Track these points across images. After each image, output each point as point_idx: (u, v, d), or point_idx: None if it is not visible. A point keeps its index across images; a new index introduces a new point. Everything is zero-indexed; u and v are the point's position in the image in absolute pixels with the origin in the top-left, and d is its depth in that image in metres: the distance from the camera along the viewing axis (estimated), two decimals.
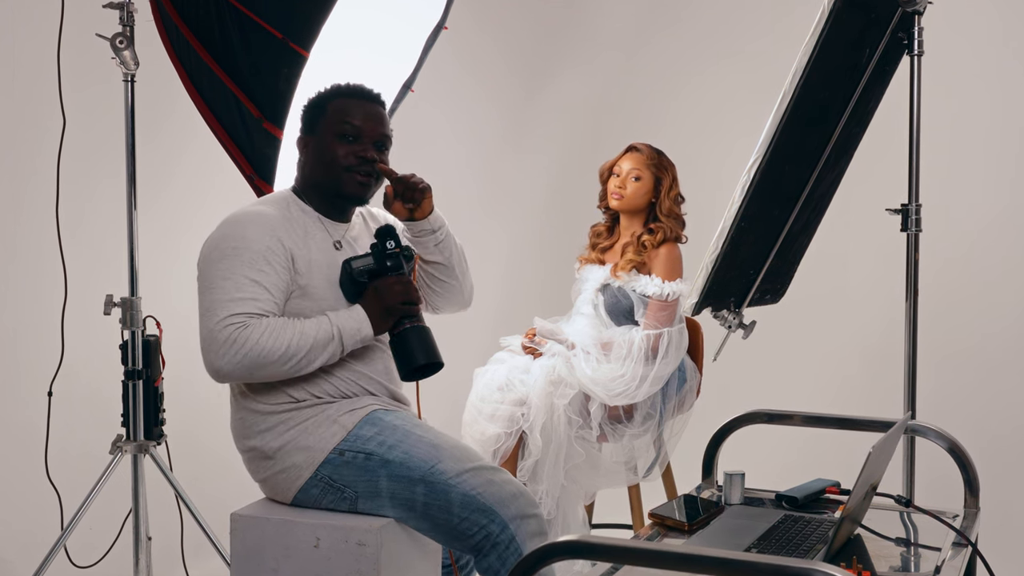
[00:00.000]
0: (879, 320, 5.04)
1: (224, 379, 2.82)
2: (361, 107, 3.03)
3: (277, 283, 2.84)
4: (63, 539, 3.60)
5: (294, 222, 2.96)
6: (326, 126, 3.00)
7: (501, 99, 5.99)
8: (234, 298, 2.78)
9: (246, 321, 2.75)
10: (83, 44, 3.69)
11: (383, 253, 2.95)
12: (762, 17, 5.51)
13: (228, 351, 2.73)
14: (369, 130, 3.01)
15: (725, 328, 3.54)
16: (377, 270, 2.94)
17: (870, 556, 2.58)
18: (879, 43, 3.50)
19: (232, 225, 2.89)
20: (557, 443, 3.81)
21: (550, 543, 1.98)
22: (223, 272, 2.81)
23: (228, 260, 2.82)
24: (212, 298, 2.80)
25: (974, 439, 3.38)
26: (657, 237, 4.03)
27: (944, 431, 3.01)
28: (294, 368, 2.81)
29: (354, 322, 2.87)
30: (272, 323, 2.77)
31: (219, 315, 2.76)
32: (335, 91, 3.05)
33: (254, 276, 2.81)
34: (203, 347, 2.79)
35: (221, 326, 2.75)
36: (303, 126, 3.07)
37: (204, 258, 2.88)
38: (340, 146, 2.98)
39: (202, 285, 2.85)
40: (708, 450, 3.24)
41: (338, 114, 3.00)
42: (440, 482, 2.83)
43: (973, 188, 5.07)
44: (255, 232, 2.85)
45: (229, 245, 2.83)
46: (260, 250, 2.83)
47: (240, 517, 2.92)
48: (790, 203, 3.49)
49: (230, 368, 2.75)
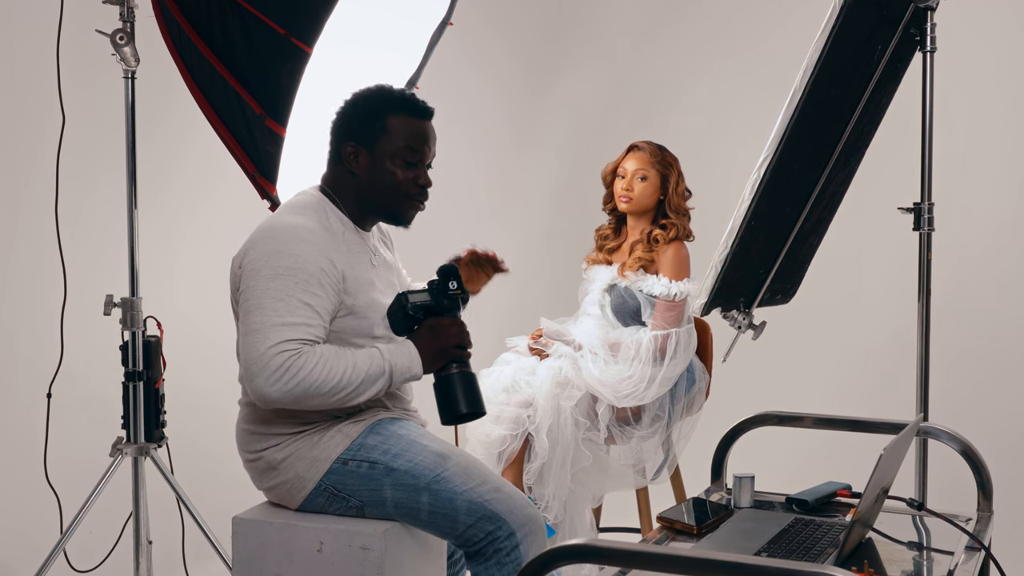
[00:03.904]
0: (891, 320, 5.03)
1: (270, 405, 2.74)
2: (423, 128, 2.92)
3: (328, 307, 2.77)
4: (62, 543, 3.57)
5: (336, 237, 2.86)
6: (389, 145, 2.88)
7: (507, 97, 5.98)
8: (287, 322, 2.69)
9: (300, 349, 2.68)
10: (83, 40, 3.68)
11: (444, 293, 2.86)
12: (772, 13, 5.50)
13: (280, 379, 2.65)
14: (430, 155, 2.94)
15: (735, 329, 3.53)
16: (434, 308, 2.85)
17: (882, 560, 2.57)
18: (891, 40, 3.49)
19: (280, 240, 2.78)
20: (564, 445, 3.79)
21: (557, 547, 1.97)
22: (275, 293, 2.71)
23: (281, 280, 2.72)
24: (262, 320, 2.70)
25: (987, 441, 3.38)
26: (670, 234, 3.99)
27: (957, 433, 3.01)
28: (342, 400, 2.74)
29: (406, 360, 2.79)
30: (326, 353, 2.70)
31: (271, 339, 2.67)
32: (393, 101, 2.92)
33: (307, 299, 2.72)
34: (250, 370, 2.69)
35: (274, 352, 2.66)
36: (350, 130, 2.92)
37: (252, 273, 2.76)
38: (403, 172, 2.89)
39: (250, 303, 2.74)
40: (717, 452, 3.23)
41: (404, 137, 2.88)
42: (445, 490, 2.80)
43: (986, 187, 5.07)
44: (308, 251, 2.76)
45: (282, 264, 2.73)
46: (314, 272, 2.74)
47: (242, 521, 2.89)
48: (801, 202, 3.48)
49: (279, 396, 2.67)
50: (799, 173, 3.41)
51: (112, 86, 3.69)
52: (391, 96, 2.93)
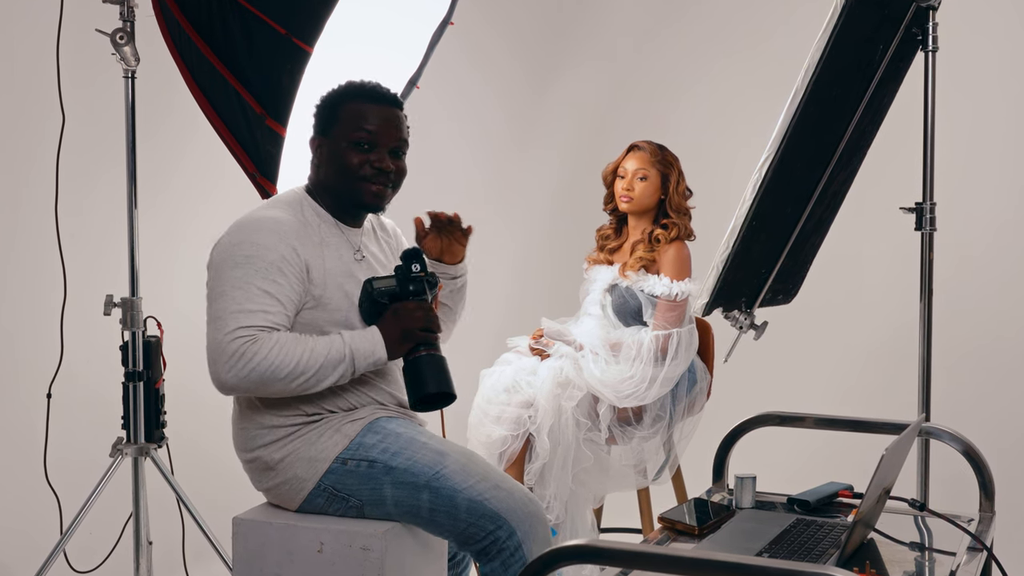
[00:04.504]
0: (893, 320, 5.03)
1: (229, 392, 2.75)
2: (377, 112, 2.91)
3: (290, 295, 2.76)
4: (62, 543, 3.57)
5: (310, 228, 2.88)
6: (340, 131, 2.90)
7: (508, 96, 5.97)
8: (244, 309, 2.70)
9: (256, 335, 2.68)
10: (83, 40, 3.67)
11: (407, 276, 2.85)
12: (773, 12, 5.49)
13: (235, 365, 2.66)
14: (385, 137, 2.91)
15: (736, 329, 3.53)
16: (399, 293, 2.84)
17: (883, 561, 2.57)
18: (893, 39, 3.48)
19: (245, 231, 2.80)
20: (565, 446, 3.79)
21: (558, 547, 1.96)
22: (234, 281, 2.72)
23: (240, 269, 2.73)
24: (221, 307, 2.71)
25: (990, 442, 3.36)
26: (671, 233, 3.98)
27: (959, 433, 3.00)
28: (302, 386, 2.73)
29: (368, 344, 2.78)
30: (283, 338, 2.70)
31: (228, 326, 2.68)
32: (349, 91, 2.94)
33: (266, 287, 2.73)
34: (209, 358, 2.71)
35: (230, 338, 2.67)
36: (316, 126, 2.97)
37: (215, 264, 2.79)
38: (355, 154, 2.88)
39: (212, 293, 2.76)
40: (719, 453, 3.22)
41: (353, 119, 2.89)
42: (446, 488, 2.79)
43: (988, 186, 5.06)
44: (269, 240, 2.77)
45: (242, 253, 2.75)
46: (274, 259, 2.75)
47: (242, 521, 2.89)
48: (802, 201, 3.48)
49: (235, 382, 2.68)
50: (801, 173, 3.41)
51: (112, 86, 3.68)
52: (349, 87, 2.96)
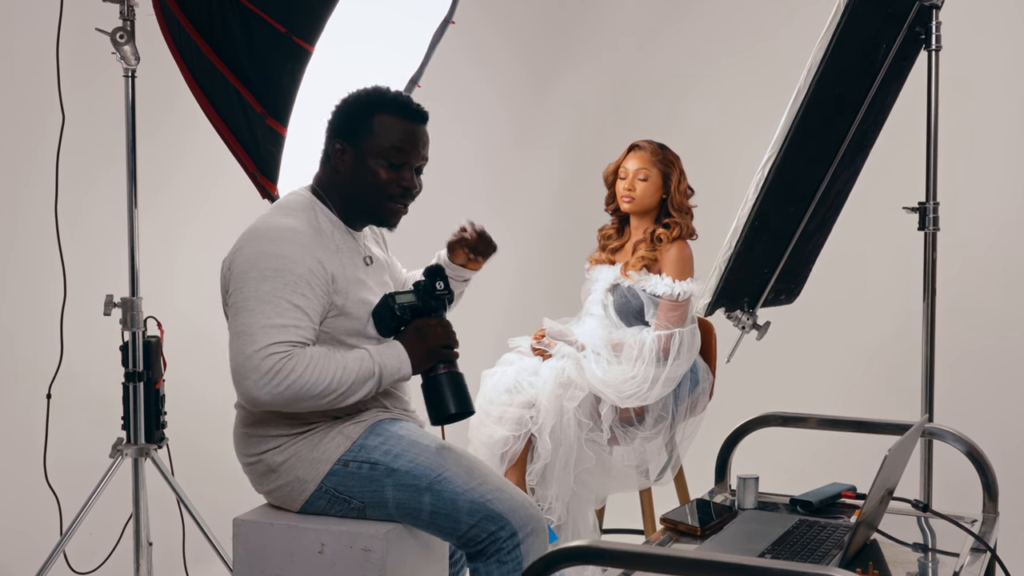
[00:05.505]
0: (896, 321, 5.02)
1: (259, 407, 2.74)
2: (412, 130, 2.89)
3: (317, 308, 2.75)
4: (62, 544, 3.57)
5: (324, 237, 2.85)
6: (372, 144, 2.86)
7: (510, 96, 5.96)
8: (276, 324, 2.67)
9: (290, 351, 2.66)
10: (83, 39, 3.67)
11: (431, 293, 2.88)
12: (776, 12, 5.49)
13: (271, 381, 2.64)
14: (415, 156, 2.90)
15: (739, 329, 3.52)
16: (421, 309, 2.87)
17: (886, 562, 2.57)
18: (896, 38, 3.47)
19: (270, 242, 2.76)
20: (567, 446, 3.78)
21: (560, 548, 1.96)
22: (262, 295, 2.70)
23: (269, 282, 2.70)
24: (250, 321, 2.68)
25: (993, 442, 3.36)
26: (673, 232, 3.98)
27: (962, 434, 3.00)
28: (332, 402, 2.73)
29: (396, 361, 2.79)
30: (315, 354, 2.69)
31: (259, 342, 2.65)
32: (383, 102, 2.90)
33: (296, 301, 2.71)
34: (239, 373, 2.68)
35: (264, 354, 2.64)
36: (339, 128, 2.92)
37: (240, 275, 2.75)
38: (385, 172, 2.87)
39: (238, 305, 2.72)
40: (721, 453, 3.22)
41: (387, 136, 2.86)
42: (447, 491, 2.79)
43: (992, 186, 5.06)
44: (295, 252, 2.74)
45: (269, 266, 2.72)
46: (303, 273, 2.73)
47: (243, 522, 2.89)
48: (805, 201, 3.47)
49: (269, 399, 2.66)
50: (803, 172, 3.40)
51: (112, 85, 3.67)
52: (383, 96, 2.91)
